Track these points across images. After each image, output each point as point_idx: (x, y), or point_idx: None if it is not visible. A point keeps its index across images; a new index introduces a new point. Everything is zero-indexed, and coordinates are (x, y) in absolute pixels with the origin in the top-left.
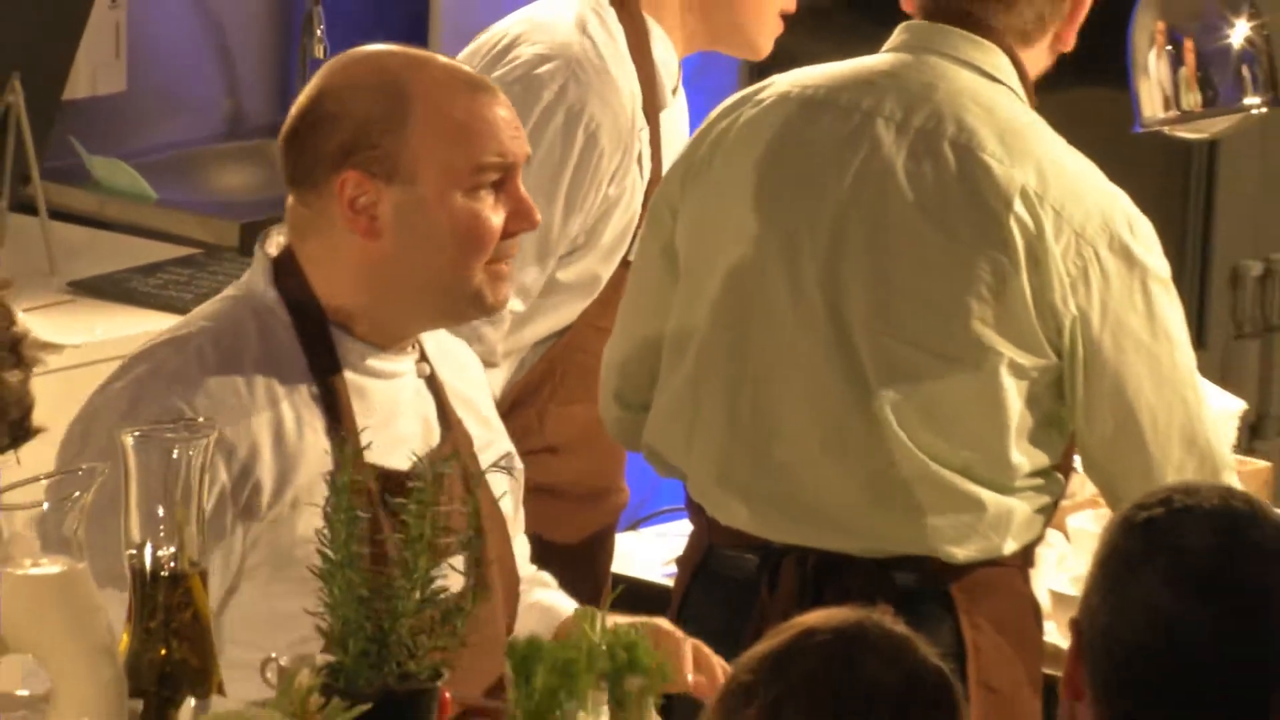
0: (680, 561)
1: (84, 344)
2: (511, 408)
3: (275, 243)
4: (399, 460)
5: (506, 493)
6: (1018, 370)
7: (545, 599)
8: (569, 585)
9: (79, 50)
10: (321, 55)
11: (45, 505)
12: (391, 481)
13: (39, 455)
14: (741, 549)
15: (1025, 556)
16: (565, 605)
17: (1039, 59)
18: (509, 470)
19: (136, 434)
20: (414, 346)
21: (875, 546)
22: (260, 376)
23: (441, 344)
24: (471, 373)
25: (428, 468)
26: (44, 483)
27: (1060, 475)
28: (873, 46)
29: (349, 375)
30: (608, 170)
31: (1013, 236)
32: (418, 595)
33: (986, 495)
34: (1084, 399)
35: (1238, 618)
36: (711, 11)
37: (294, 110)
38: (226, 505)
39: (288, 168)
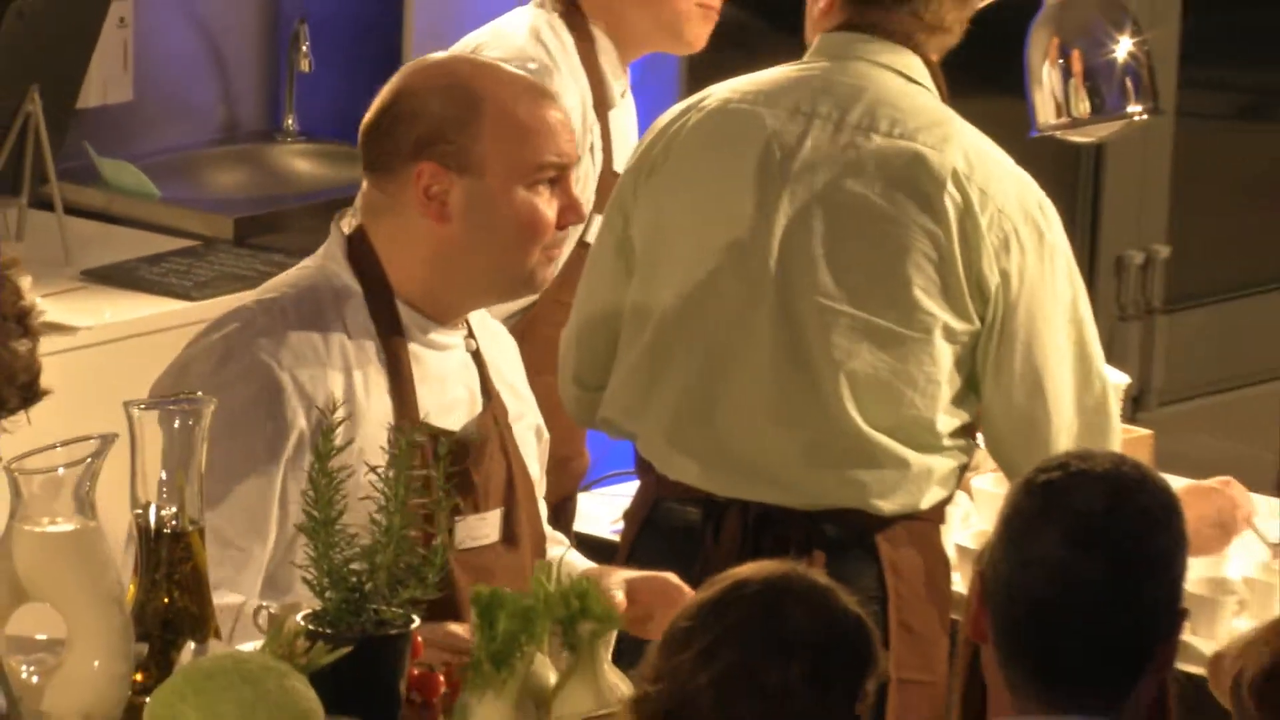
0: (627, 516)
1: (95, 326)
2: None
3: (348, 222)
4: (451, 422)
5: (535, 458)
6: (950, 334)
7: (571, 560)
8: None
9: (91, 64)
10: (306, 68)
11: (59, 469)
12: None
13: (52, 425)
14: (687, 502)
15: (939, 512)
16: (578, 562)
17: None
18: (538, 438)
19: (142, 406)
20: (463, 323)
21: (810, 501)
22: (335, 337)
23: (484, 323)
24: (508, 350)
25: (473, 431)
26: (60, 449)
27: (973, 439)
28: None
29: (410, 344)
30: None
31: (947, 212)
32: (393, 551)
33: (911, 455)
34: (995, 359)
35: (1125, 572)
36: (638, 17)
37: (374, 108)
38: (305, 448)
39: (367, 157)
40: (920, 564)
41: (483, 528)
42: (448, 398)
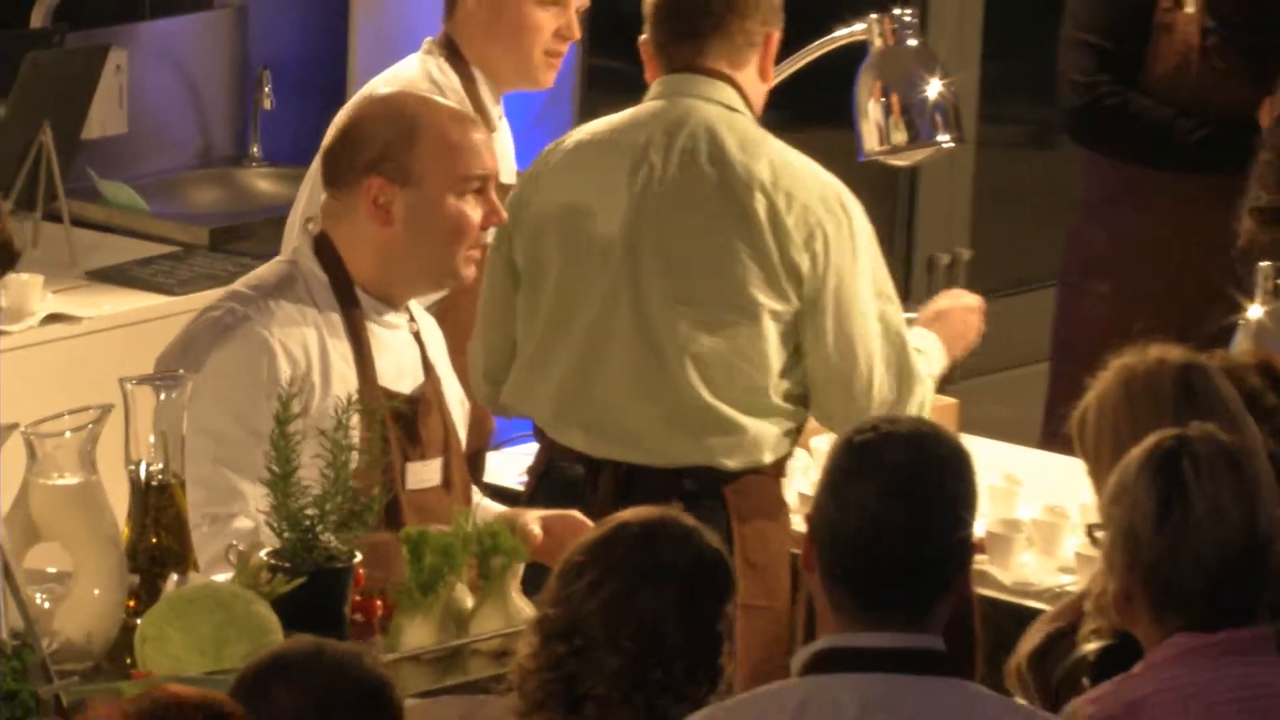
0: (529, 471)
1: (96, 316)
2: None
3: (314, 226)
4: (402, 387)
5: (463, 422)
6: (775, 315)
7: (488, 506)
8: None
9: (92, 103)
10: (268, 106)
11: (66, 433)
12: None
13: (61, 397)
14: (572, 462)
15: (778, 467)
16: (491, 508)
17: (754, 86)
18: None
19: (135, 381)
20: (406, 309)
21: (668, 461)
22: (310, 313)
23: (418, 312)
24: (435, 335)
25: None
26: (67, 416)
27: (804, 406)
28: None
29: (367, 322)
30: None
31: (759, 215)
32: (339, 499)
33: (750, 421)
34: (813, 329)
35: (925, 515)
36: (502, 62)
37: (331, 134)
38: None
39: (327, 175)
40: (761, 510)
41: (426, 473)
42: (398, 367)
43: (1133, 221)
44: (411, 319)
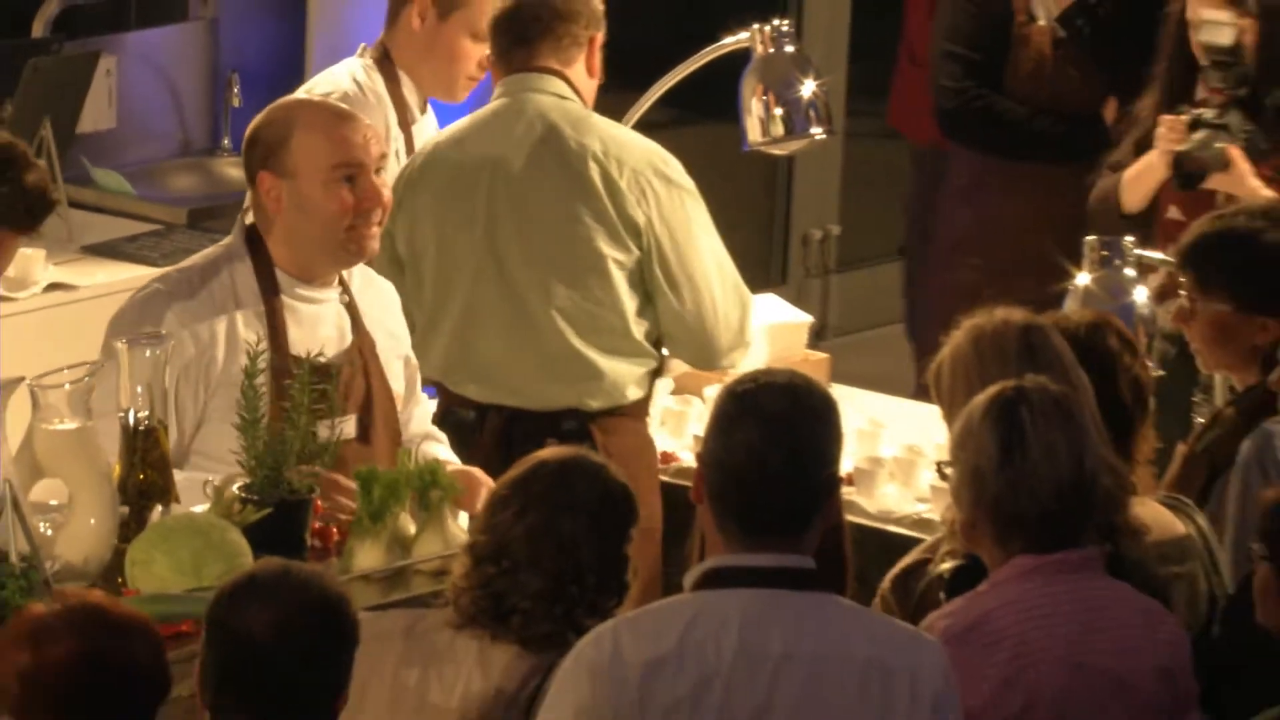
0: (434, 417)
1: (91, 285)
2: None
3: (246, 219)
4: (319, 354)
5: (400, 375)
6: (620, 265)
7: (430, 450)
8: None
9: (85, 102)
10: (237, 104)
11: (66, 385)
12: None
13: (60, 354)
14: (465, 407)
15: (640, 407)
16: (443, 455)
17: (583, 81)
18: (405, 363)
19: (127, 340)
20: (335, 282)
21: (543, 404)
22: (227, 294)
23: (371, 282)
24: (389, 302)
25: (330, 360)
26: (66, 371)
27: (658, 349)
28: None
29: (285, 298)
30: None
31: (595, 182)
32: (299, 443)
33: (611, 365)
34: (659, 274)
35: (799, 454)
36: (426, 76)
37: (243, 141)
38: (190, 370)
39: (245, 173)
40: (627, 445)
41: (340, 427)
42: (317, 336)
43: (997, 204)
44: (345, 291)
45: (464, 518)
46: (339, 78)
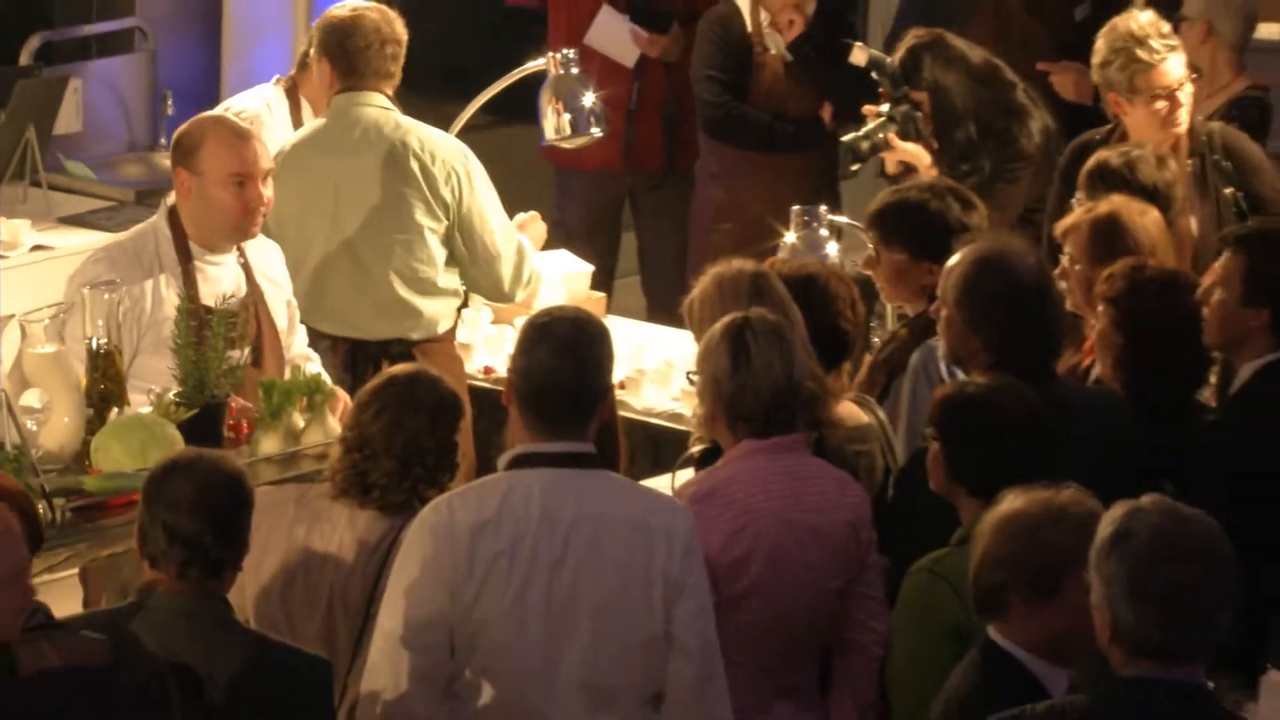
0: None
1: (64, 246)
2: None
3: (168, 201)
4: (223, 303)
5: (284, 315)
6: (434, 231)
7: (309, 367)
8: None
9: (60, 112)
10: (170, 114)
11: (46, 320)
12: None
13: (41, 298)
14: (321, 339)
15: (450, 334)
16: (315, 369)
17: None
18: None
19: (90, 288)
20: (238, 250)
21: (377, 336)
22: (152, 262)
23: (261, 244)
24: (275, 258)
25: (230, 305)
26: (46, 309)
27: (459, 293)
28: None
29: (196, 262)
30: None
31: (414, 170)
32: (219, 363)
33: (425, 305)
34: (464, 239)
35: (584, 365)
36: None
37: (171, 142)
38: (129, 316)
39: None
40: (440, 364)
41: (237, 355)
42: (220, 290)
43: (745, 185)
44: (241, 254)
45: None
46: (252, 99)
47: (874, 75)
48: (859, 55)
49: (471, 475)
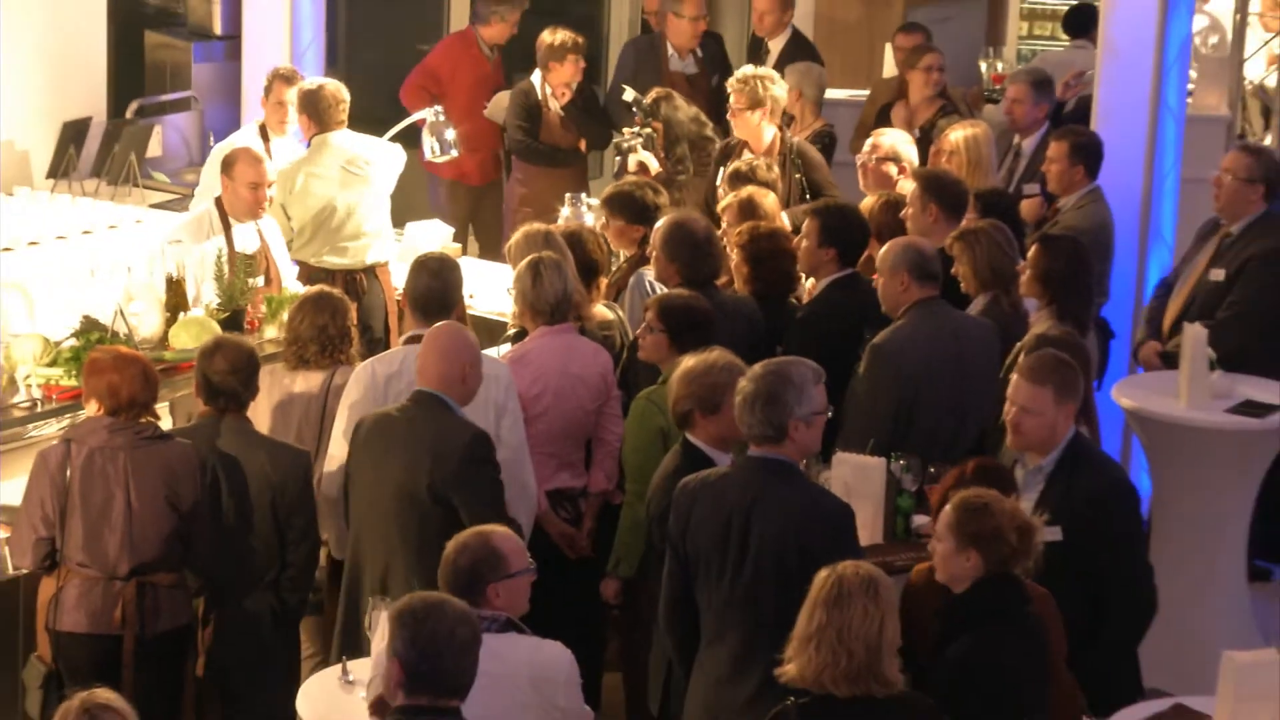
0: None
1: (150, 220)
2: None
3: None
4: (248, 250)
5: (281, 260)
6: (376, 201)
7: (291, 288)
8: None
9: (149, 143)
10: (210, 146)
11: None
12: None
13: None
14: (318, 272)
15: (385, 264)
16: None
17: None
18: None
19: (169, 243)
20: (252, 222)
21: (355, 266)
22: (209, 229)
23: (267, 220)
24: (275, 227)
25: (249, 252)
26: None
27: (386, 235)
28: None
29: (233, 229)
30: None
31: (365, 170)
32: (242, 285)
33: (374, 243)
34: (377, 204)
35: (445, 285)
36: (277, 128)
37: (221, 160)
38: (192, 261)
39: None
40: (383, 281)
41: (259, 280)
42: (245, 244)
43: (538, 184)
44: (257, 225)
45: None
46: (246, 135)
47: (634, 108)
48: (628, 94)
49: (360, 347)
